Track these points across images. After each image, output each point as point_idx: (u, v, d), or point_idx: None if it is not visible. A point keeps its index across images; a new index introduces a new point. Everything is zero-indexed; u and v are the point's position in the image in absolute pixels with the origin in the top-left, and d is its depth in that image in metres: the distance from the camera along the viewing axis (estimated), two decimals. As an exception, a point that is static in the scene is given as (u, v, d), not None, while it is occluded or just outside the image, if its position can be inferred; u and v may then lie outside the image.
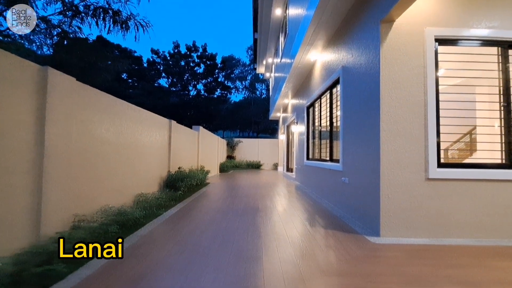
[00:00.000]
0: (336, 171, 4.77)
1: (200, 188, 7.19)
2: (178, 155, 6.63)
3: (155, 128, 5.21)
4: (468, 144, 4.33)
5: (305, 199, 5.92)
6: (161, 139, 5.52)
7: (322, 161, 5.91)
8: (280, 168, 16.46)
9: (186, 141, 7.58)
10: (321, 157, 6.18)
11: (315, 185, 6.56)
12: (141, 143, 4.54)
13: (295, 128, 9.34)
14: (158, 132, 5.37)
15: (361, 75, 3.80)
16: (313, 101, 6.96)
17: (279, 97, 11.15)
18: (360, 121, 3.78)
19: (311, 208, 4.90)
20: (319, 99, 6.43)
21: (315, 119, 6.97)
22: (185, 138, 7.48)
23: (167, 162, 5.85)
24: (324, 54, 5.83)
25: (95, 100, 3.22)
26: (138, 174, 4.40)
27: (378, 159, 3.20)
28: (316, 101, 6.77)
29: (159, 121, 5.45)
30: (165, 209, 4.37)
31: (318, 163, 6.17)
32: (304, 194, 6.69)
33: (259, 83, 42.64)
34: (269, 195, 6.52)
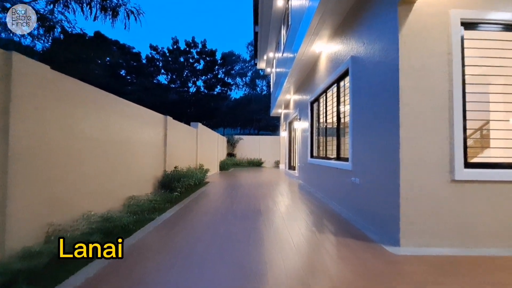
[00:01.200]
0: (345, 170, 4.40)
1: (198, 188, 6.83)
2: (175, 154, 6.26)
3: (149, 125, 4.84)
4: (498, 140, 3.95)
5: (309, 199, 5.56)
6: (155, 136, 5.15)
7: (328, 159, 5.53)
8: (282, 165, 16.09)
9: (183, 139, 7.22)
10: (326, 155, 5.81)
11: (320, 185, 6.20)
12: (133, 140, 4.17)
13: (297, 125, 8.96)
14: (152, 128, 5.00)
15: (374, 64, 3.42)
16: (317, 96, 6.57)
17: (281, 93, 10.75)
18: (374, 116, 3.40)
19: (318, 210, 4.53)
20: (324, 93, 6.04)
21: (319, 115, 6.58)
22: (182, 136, 7.11)
23: (162, 161, 5.48)
24: (330, 44, 5.43)
25: (76, 92, 2.85)
26: (129, 175, 4.04)
27: (396, 159, 2.83)
28: (321, 96, 6.38)
29: (153, 117, 5.08)
30: (159, 213, 4.01)
31: (323, 162, 5.80)
32: (308, 193, 6.32)
33: (259, 79, 42.14)
34: (271, 195, 6.16)
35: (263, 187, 7.60)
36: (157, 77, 39.19)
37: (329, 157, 5.54)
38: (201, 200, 5.39)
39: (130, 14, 6.61)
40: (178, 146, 6.58)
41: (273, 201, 5.37)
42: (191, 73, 39.78)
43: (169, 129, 5.70)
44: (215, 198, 5.61)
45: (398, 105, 2.83)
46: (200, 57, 39.97)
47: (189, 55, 39.58)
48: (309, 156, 7.38)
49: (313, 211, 4.50)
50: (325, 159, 5.80)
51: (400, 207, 2.78)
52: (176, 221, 3.71)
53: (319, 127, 6.60)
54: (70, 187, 2.71)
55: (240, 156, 19.09)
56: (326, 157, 5.77)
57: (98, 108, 3.25)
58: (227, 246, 2.79)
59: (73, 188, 2.76)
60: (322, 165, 5.87)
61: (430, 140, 2.81)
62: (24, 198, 2.12)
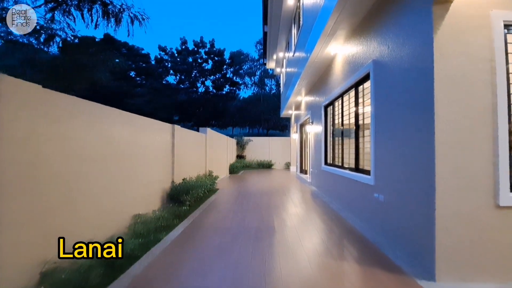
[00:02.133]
0: (366, 184, 4.05)
1: (208, 197, 6.60)
2: (183, 163, 6.03)
3: (155, 136, 4.61)
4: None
5: (326, 212, 5.23)
6: (162, 147, 4.93)
7: (346, 169, 5.18)
8: (293, 168, 15.75)
9: (192, 146, 6.99)
10: (343, 164, 5.45)
11: (335, 195, 5.86)
12: (138, 154, 3.95)
13: (310, 128, 8.61)
14: (159, 139, 4.77)
15: (402, 71, 3.06)
16: (332, 100, 6.21)
17: (292, 94, 10.40)
18: (402, 128, 3.05)
19: (336, 227, 4.20)
20: (340, 97, 5.68)
21: (335, 120, 6.22)
22: (191, 143, 6.88)
23: (170, 172, 5.26)
24: (347, 46, 5.06)
25: (71, 110, 2.61)
26: (135, 191, 3.81)
27: (430, 180, 2.48)
28: (336, 100, 6.02)
29: (159, 127, 4.84)
30: (167, 232, 3.78)
31: (340, 171, 5.45)
32: (324, 204, 5.99)
33: (268, 78, 41.66)
34: (284, 206, 5.86)
35: (275, 195, 7.30)
36: (166, 78, 39.34)
37: (347, 167, 5.19)
38: (211, 213, 5.13)
39: (134, 19, 6.38)
40: (186, 154, 6.35)
41: (287, 214, 5.07)
42: (200, 73, 39.75)
43: (176, 138, 5.47)
44: (225, 211, 5.35)
45: (432, 119, 2.47)
46: (209, 57, 39.88)
47: (197, 55, 39.54)
48: (323, 163, 7.03)
49: (332, 229, 4.17)
50: (341, 169, 5.45)
51: (435, 235, 2.43)
52: (184, 243, 3.45)
53: (334, 133, 6.24)
54: (69, 216, 2.49)
55: (250, 158, 18.83)
56: (343, 167, 5.41)
57: (98, 123, 3.02)
58: (241, 282, 2.52)
59: (72, 216, 2.53)
60: (339, 175, 5.52)
61: (470, 159, 2.45)
62: (14, 235, 1.90)
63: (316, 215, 5.02)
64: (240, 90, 43.84)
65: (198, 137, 7.67)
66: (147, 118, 4.35)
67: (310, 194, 7.43)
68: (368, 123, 4.33)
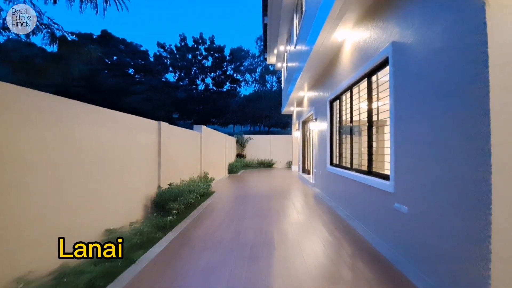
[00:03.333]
0: (383, 191, 3.41)
1: (201, 202, 5.98)
2: (172, 165, 5.42)
3: (136, 135, 3.99)
4: None
5: (332, 220, 4.61)
6: (146, 148, 4.31)
7: (356, 171, 4.54)
8: (295, 167, 15.12)
9: (184, 146, 6.36)
10: (352, 166, 4.81)
11: (343, 200, 5.22)
12: (112, 157, 3.33)
13: (313, 126, 7.96)
14: (141, 139, 4.15)
15: (433, 52, 2.41)
16: (339, 93, 5.56)
17: (294, 90, 9.76)
18: (436, 124, 2.40)
19: (346, 241, 3.58)
20: (348, 90, 5.03)
21: (342, 117, 5.57)
22: (182, 142, 6.25)
23: (156, 176, 4.64)
24: (357, 30, 4.41)
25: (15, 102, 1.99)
26: (106, 202, 3.20)
27: (484, 195, 1.84)
28: (343, 94, 5.37)
29: (142, 125, 4.22)
30: (145, 249, 3.17)
31: (348, 173, 4.81)
32: (329, 210, 5.37)
33: (269, 75, 40.91)
34: (285, 212, 5.24)
35: (275, 199, 6.68)
36: (165, 75, 38.71)
37: (358, 169, 4.55)
38: (202, 222, 4.52)
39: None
40: (177, 155, 5.73)
41: (289, 223, 4.45)
42: (199, 70, 39.05)
43: (164, 137, 4.84)
44: (218, 220, 4.73)
45: (488, 115, 1.83)
46: (208, 53, 39.13)
47: (197, 52, 38.82)
48: (328, 163, 6.39)
49: (341, 243, 3.55)
50: (350, 171, 4.81)
51: (490, 264, 1.80)
52: (163, 266, 2.84)
53: (342, 131, 5.59)
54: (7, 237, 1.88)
55: (250, 156, 18.21)
56: (352, 169, 4.77)
57: (54, 121, 2.40)
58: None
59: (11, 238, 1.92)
60: (347, 178, 4.88)
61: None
62: None
63: (322, 224, 4.40)
64: (240, 87, 43.22)
65: (191, 135, 7.04)
66: (125, 114, 3.72)
67: (314, 197, 6.81)
68: (384, 118, 3.69)
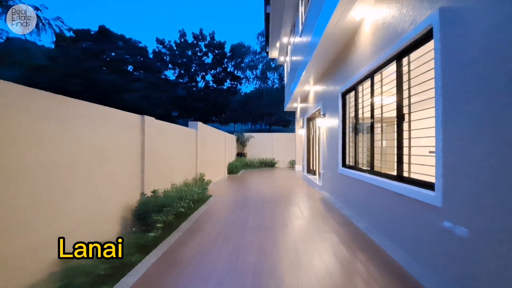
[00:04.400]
0: (422, 203, 2.63)
1: (195, 210, 5.23)
2: (161, 167, 4.66)
3: (111, 131, 3.22)
4: None
5: (350, 234, 3.85)
6: (125, 148, 3.54)
7: (379, 175, 3.76)
8: (298, 167, 14.35)
9: (176, 145, 5.60)
10: (373, 168, 4.03)
11: (361, 208, 4.45)
12: (74, 161, 2.57)
13: (321, 122, 7.18)
14: (119, 136, 3.38)
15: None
16: (354, 83, 4.77)
17: (298, 84, 8.97)
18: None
19: (373, 265, 2.81)
20: (367, 79, 4.25)
21: (358, 110, 4.79)
22: (174, 141, 5.49)
23: (139, 182, 3.87)
24: (382, 3, 3.62)
25: None
26: (63, 219, 2.43)
27: None
28: (360, 84, 4.59)
29: (120, 120, 3.45)
30: (115, 281, 2.41)
31: (368, 177, 4.03)
32: (344, 220, 4.60)
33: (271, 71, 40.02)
34: (292, 223, 4.48)
35: (280, 205, 5.92)
36: (165, 72, 37.81)
37: (380, 172, 3.78)
38: (193, 238, 3.76)
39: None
40: (167, 155, 4.97)
41: (299, 240, 3.68)
42: (199, 67, 38.15)
43: (149, 135, 4.08)
44: (213, 233, 3.97)
45: None
46: (209, 49, 38.18)
47: (196, 48, 37.90)
48: (340, 164, 5.62)
49: (368, 268, 2.78)
50: (370, 174, 4.03)
51: None
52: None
53: (358, 127, 4.81)
54: None
55: (251, 155, 17.44)
56: (374, 172, 4.00)
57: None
58: None
59: None
60: (366, 182, 4.11)
61: None
62: None
63: (339, 240, 3.63)
64: (241, 84, 42.37)
65: (185, 133, 6.27)
66: (97, 106, 2.96)
67: (323, 203, 6.04)
68: (418, 110, 2.91)
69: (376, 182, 3.70)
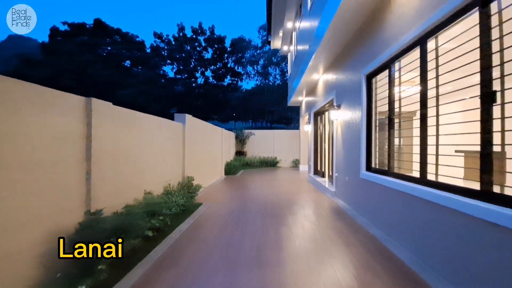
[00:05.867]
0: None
1: (175, 226, 4.01)
2: (124, 171, 3.43)
3: (23, 120, 2.00)
4: None
5: (394, 272, 2.61)
6: (57, 144, 2.32)
7: (439, 188, 2.52)
8: (303, 167, 13.10)
9: (152, 141, 4.36)
10: (425, 177, 2.78)
11: (403, 231, 3.21)
12: None
13: (335, 115, 5.93)
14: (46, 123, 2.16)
15: None
16: (387, 60, 3.53)
17: (305, 72, 7.73)
18: None
19: None
20: (413, 50, 3.00)
21: (393, 95, 3.53)
22: (150, 136, 4.26)
23: (80, 194, 2.63)
24: None
25: None
26: None
27: None
28: (398, 59, 3.33)
29: (41, 101, 2.22)
30: None
31: (415, 189, 2.79)
32: (377, 246, 3.37)
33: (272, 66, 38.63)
34: (306, 251, 3.25)
35: (286, 219, 4.70)
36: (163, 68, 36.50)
37: (441, 184, 2.53)
38: (160, 280, 2.55)
39: None
40: (134, 156, 3.73)
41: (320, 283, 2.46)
42: (199, 62, 36.78)
43: (100, 126, 2.85)
44: (194, 271, 2.75)
45: None
46: (208, 44, 36.76)
47: (196, 43, 36.51)
48: (363, 167, 4.38)
49: None
50: (422, 186, 2.79)
51: None
52: None
53: (393, 118, 3.55)
54: None
55: (252, 154, 16.21)
56: (426, 182, 2.76)
57: None
58: None
59: None
60: (413, 196, 2.87)
61: None
62: None
63: (381, 283, 2.39)
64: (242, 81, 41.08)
65: (167, 127, 5.02)
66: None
67: (340, 216, 4.81)
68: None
69: (436, 198, 2.46)
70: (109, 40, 33.81)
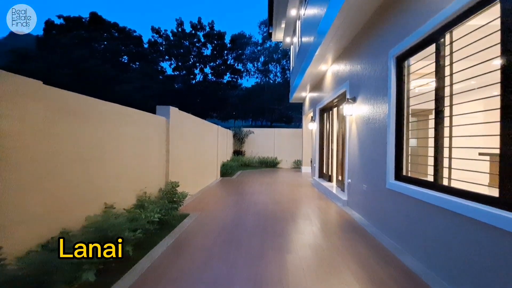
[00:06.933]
0: None
1: (151, 246, 3.10)
2: (73, 179, 2.52)
3: None
4: None
5: None
6: None
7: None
8: (306, 168, 12.17)
9: (121, 139, 3.43)
10: (506, 195, 1.86)
11: (461, 270, 2.30)
12: None
13: (349, 109, 4.98)
14: None
15: None
16: (432, 33, 2.60)
17: (311, 64, 6.82)
18: None
19: None
20: (475, 13, 2.08)
21: (442, 79, 2.59)
22: (117, 132, 3.34)
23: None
24: None
25: None
26: None
27: None
28: (449, 29, 2.40)
29: None
30: None
31: (484, 211, 1.87)
32: (408, 277, 2.44)
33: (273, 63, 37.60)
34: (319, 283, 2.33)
35: (290, 240, 3.81)
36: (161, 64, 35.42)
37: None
38: None
39: None
40: (90, 157, 2.80)
41: None
42: (198, 58, 35.70)
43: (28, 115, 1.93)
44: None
45: None
46: (208, 40, 35.61)
47: (195, 38, 35.39)
48: (391, 175, 3.45)
49: None
50: (492, 206, 1.88)
51: None
52: None
53: (443, 109, 2.62)
54: None
55: (250, 154, 15.29)
56: (501, 202, 1.84)
57: None
58: None
59: None
60: (476, 221, 1.95)
61: None
62: None
63: None
64: (242, 78, 40.00)
65: (145, 121, 4.09)
66: None
67: (357, 231, 3.89)
68: None
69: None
70: (105, 34, 32.81)
